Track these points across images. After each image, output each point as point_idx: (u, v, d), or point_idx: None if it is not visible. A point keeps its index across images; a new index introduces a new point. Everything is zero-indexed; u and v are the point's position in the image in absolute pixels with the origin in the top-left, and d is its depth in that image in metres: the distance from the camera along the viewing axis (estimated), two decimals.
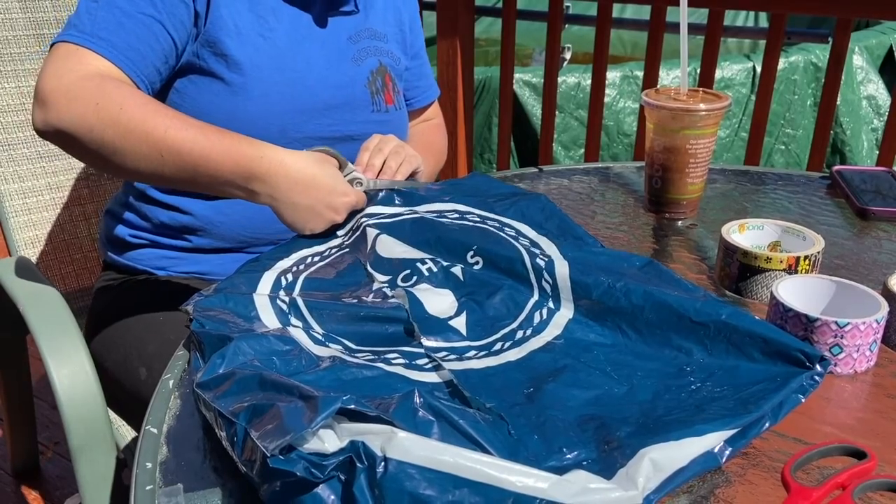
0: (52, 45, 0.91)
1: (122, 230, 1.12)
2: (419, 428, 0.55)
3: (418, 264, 0.81)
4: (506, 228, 0.86)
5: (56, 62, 0.88)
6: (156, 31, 0.93)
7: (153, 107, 0.87)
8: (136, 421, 1.09)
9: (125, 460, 0.99)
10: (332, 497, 0.51)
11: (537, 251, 0.81)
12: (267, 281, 0.80)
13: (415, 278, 0.79)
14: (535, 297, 0.77)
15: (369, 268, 0.83)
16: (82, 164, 1.32)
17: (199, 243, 1.08)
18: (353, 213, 0.92)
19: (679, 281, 0.76)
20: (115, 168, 0.87)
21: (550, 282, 0.77)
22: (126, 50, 0.91)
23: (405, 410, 0.56)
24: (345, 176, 0.93)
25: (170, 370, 0.72)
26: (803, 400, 0.63)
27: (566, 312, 0.75)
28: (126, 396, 1.05)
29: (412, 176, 1.02)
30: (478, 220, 0.89)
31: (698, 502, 0.56)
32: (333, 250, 0.88)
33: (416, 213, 0.91)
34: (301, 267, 0.84)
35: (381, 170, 0.98)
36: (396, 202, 0.94)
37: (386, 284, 0.80)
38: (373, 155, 0.99)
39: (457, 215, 0.90)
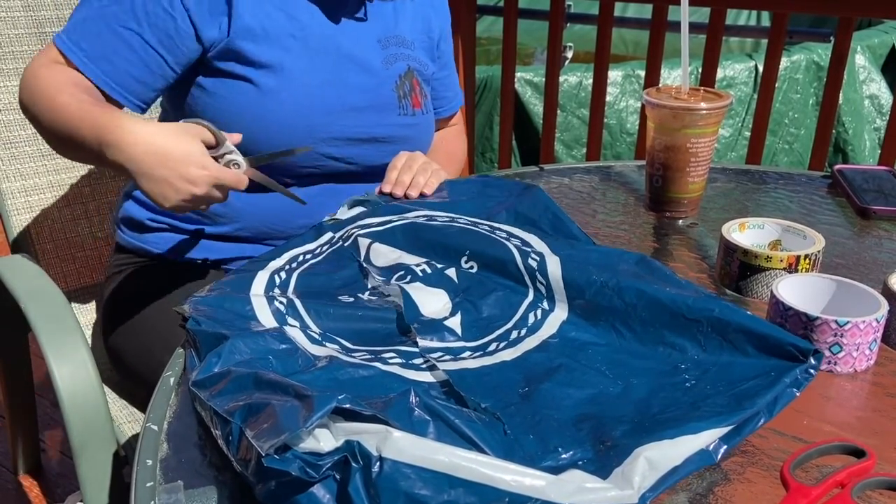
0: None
1: (141, 212, 1.12)
2: (415, 427, 0.55)
3: (413, 266, 0.81)
4: (497, 231, 0.87)
5: (38, 56, 0.99)
6: (134, 43, 0.98)
7: (67, 84, 0.95)
8: None
9: (126, 458, 0.99)
10: (328, 496, 0.51)
11: (529, 249, 0.81)
12: (261, 280, 0.80)
13: (409, 277, 0.79)
14: (530, 297, 0.77)
15: (364, 264, 0.83)
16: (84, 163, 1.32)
17: (220, 230, 1.09)
18: (344, 223, 0.92)
19: (671, 276, 0.76)
20: (46, 138, 0.97)
21: (544, 283, 0.77)
22: (98, 60, 0.98)
23: (401, 410, 0.56)
24: (220, 154, 0.90)
25: (170, 367, 0.72)
26: (798, 394, 0.62)
27: (560, 313, 0.75)
28: (150, 388, 1.05)
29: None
30: (469, 223, 0.89)
31: (697, 500, 0.56)
32: (325, 248, 0.88)
33: (406, 219, 0.91)
34: (294, 265, 0.84)
35: (409, 185, 1.02)
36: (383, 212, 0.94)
37: (381, 280, 0.80)
38: (402, 172, 1.03)
39: (447, 219, 0.90)
